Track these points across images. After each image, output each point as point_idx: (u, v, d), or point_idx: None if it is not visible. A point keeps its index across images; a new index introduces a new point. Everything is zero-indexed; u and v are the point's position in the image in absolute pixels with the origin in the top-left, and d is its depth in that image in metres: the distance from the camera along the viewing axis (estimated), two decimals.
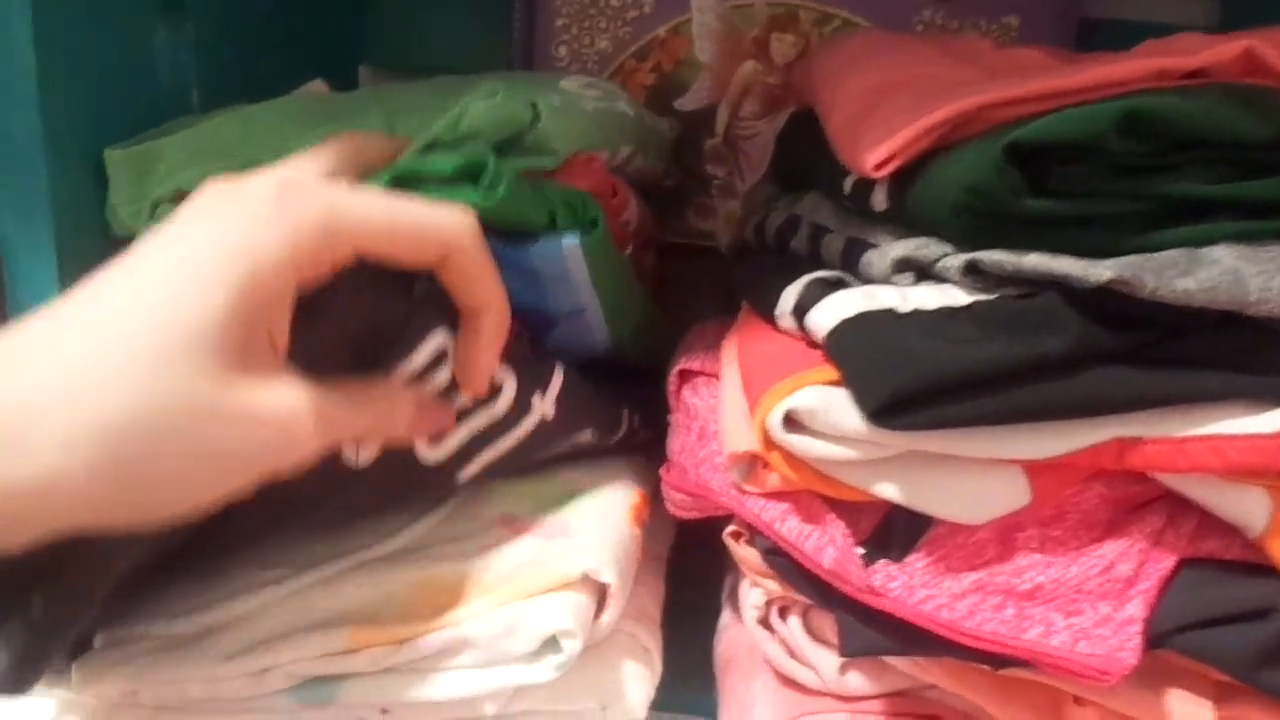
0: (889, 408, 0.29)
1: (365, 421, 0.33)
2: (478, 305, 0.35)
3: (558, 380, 0.39)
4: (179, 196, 0.42)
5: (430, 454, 0.38)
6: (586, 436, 0.43)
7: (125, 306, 0.28)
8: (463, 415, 0.37)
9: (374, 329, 0.34)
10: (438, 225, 0.33)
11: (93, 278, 0.29)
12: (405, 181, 0.37)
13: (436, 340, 0.36)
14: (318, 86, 0.54)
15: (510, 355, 0.38)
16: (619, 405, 0.44)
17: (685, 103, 0.63)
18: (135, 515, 0.28)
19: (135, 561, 0.33)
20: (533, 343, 0.41)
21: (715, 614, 0.46)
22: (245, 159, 0.42)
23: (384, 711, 0.38)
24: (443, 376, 0.36)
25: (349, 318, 0.33)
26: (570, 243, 0.38)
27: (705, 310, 0.58)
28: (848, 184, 0.38)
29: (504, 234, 0.38)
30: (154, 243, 0.30)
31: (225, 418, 0.28)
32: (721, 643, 0.44)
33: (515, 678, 0.36)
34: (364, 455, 0.36)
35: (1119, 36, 0.37)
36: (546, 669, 0.36)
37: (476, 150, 0.36)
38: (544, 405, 0.39)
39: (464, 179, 0.37)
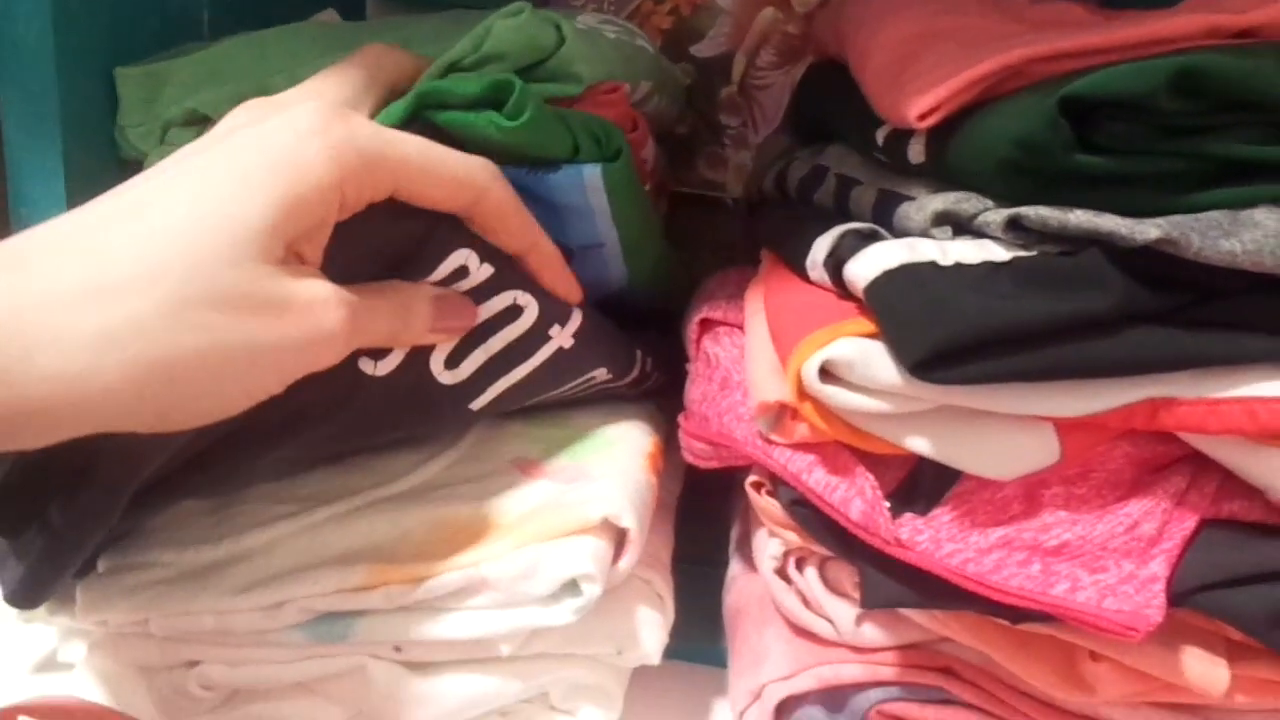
0: (929, 361, 0.29)
1: (390, 317, 0.33)
2: (520, 249, 0.35)
3: (577, 317, 0.39)
4: (190, 118, 0.41)
5: (447, 375, 0.37)
6: (601, 374, 0.42)
7: (162, 204, 0.28)
8: (481, 336, 0.37)
9: (395, 246, 0.34)
10: (469, 170, 0.33)
11: (125, 183, 0.28)
12: (428, 103, 0.36)
13: (457, 257, 0.35)
14: (329, 16, 0.53)
15: (533, 287, 0.37)
16: (633, 347, 0.43)
17: (702, 49, 0.62)
18: (167, 416, 0.27)
19: (155, 475, 0.33)
20: None
21: (716, 564, 0.46)
22: (257, 83, 0.41)
23: (397, 649, 0.38)
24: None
25: (371, 236, 0.33)
26: (592, 172, 0.37)
27: (712, 262, 0.57)
28: (880, 135, 0.38)
29: (525, 161, 0.37)
30: (193, 149, 0.29)
31: (258, 305, 0.27)
32: (731, 593, 0.44)
33: (533, 619, 0.36)
34: (382, 365, 0.35)
35: None
36: (565, 612, 0.36)
37: (501, 74, 0.36)
38: (562, 337, 0.39)
39: (488, 104, 0.36)
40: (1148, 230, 0.29)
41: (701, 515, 0.49)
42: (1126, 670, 0.33)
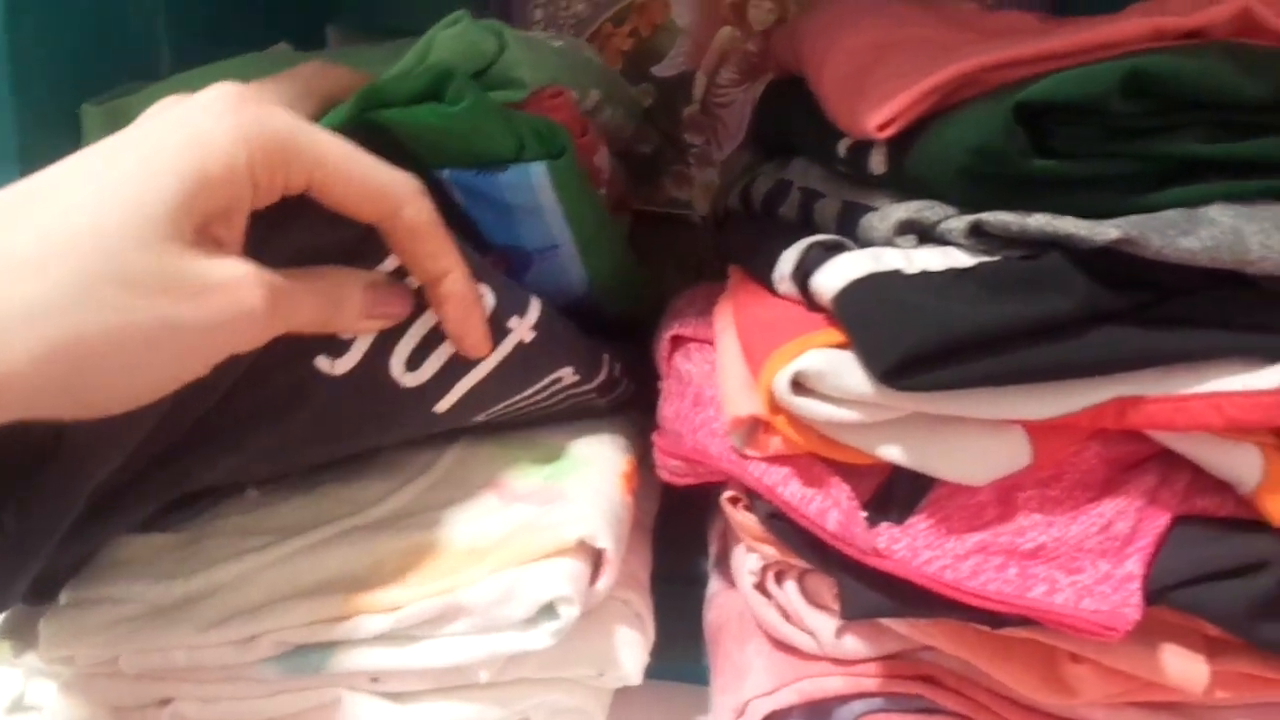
0: (899, 369, 0.29)
1: (319, 300, 0.32)
2: (435, 273, 0.34)
3: (536, 307, 0.39)
4: None
5: (408, 377, 0.37)
6: (567, 374, 0.41)
7: (71, 185, 0.27)
8: (440, 334, 0.36)
9: (338, 245, 0.34)
10: (390, 180, 0.32)
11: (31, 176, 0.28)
12: (371, 103, 0.36)
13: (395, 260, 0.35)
14: (282, 49, 0.53)
15: (490, 277, 0.37)
16: (599, 349, 0.43)
17: (663, 69, 0.62)
18: (84, 401, 0.27)
19: (109, 481, 0.32)
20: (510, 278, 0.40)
21: (696, 582, 0.46)
22: None
23: (374, 680, 0.37)
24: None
25: (312, 233, 0.33)
26: (539, 170, 0.37)
27: (681, 279, 0.57)
28: (842, 147, 0.38)
29: (472, 161, 0.37)
30: (100, 142, 0.29)
31: (168, 284, 0.27)
32: (711, 610, 0.44)
33: (511, 644, 0.36)
34: (339, 364, 0.35)
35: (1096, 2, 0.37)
36: (543, 635, 0.35)
37: (439, 65, 0.35)
38: (522, 329, 0.38)
39: (428, 98, 0.36)
40: (1107, 231, 0.29)
41: (680, 534, 0.49)
42: (1107, 671, 0.33)
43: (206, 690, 0.37)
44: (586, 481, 0.40)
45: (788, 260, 0.36)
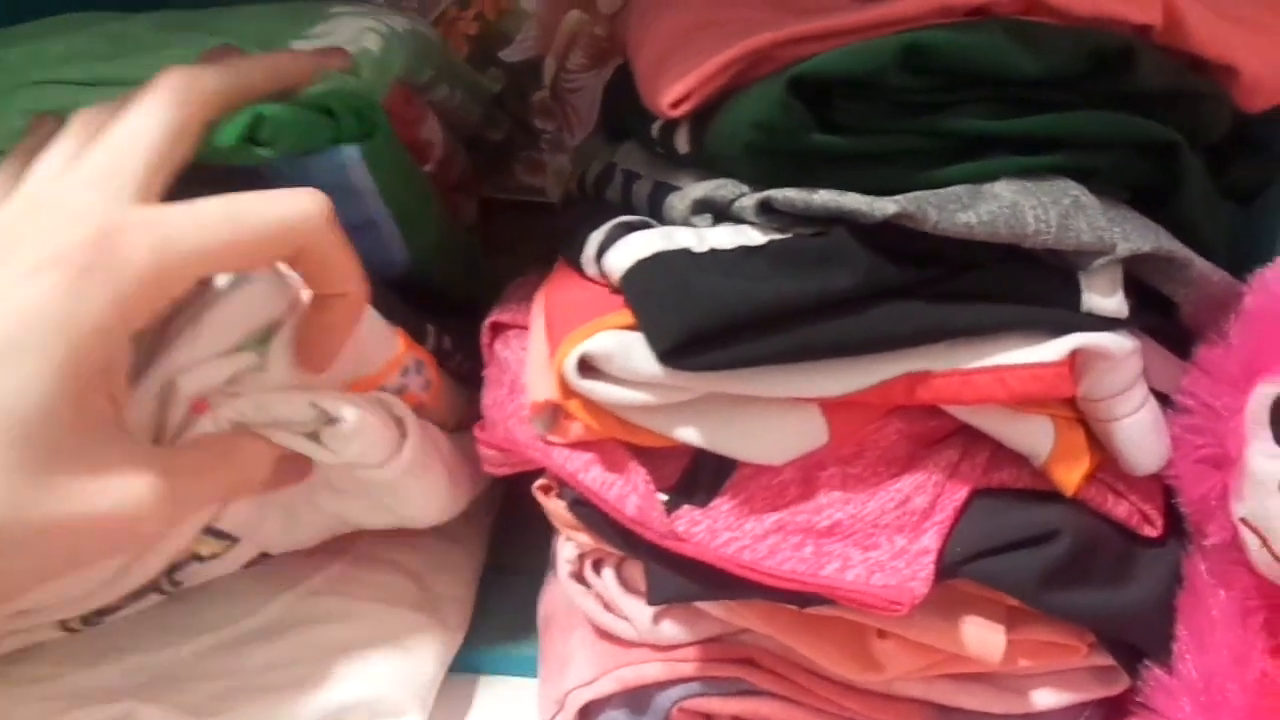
0: (680, 347, 0.29)
1: (224, 481, 0.31)
2: (334, 292, 0.33)
3: None
4: None
5: None
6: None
7: None
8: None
9: None
10: (287, 223, 0.30)
11: None
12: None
13: None
14: None
15: None
16: (423, 318, 0.42)
17: (511, 53, 0.61)
18: None
19: None
20: None
21: (538, 574, 0.45)
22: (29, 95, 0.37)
23: None
24: None
25: None
26: (351, 153, 0.35)
27: (538, 267, 0.56)
28: (655, 128, 0.38)
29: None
30: None
31: (52, 526, 0.25)
32: (544, 601, 0.43)
33: None
34: None
35: None
36: None
37: (250, 111, 0.33)
38: None
39: (244, 143, 0.34)
40: (886, 206, 0.29)
41: (529, 526, 0.48)
42: (911, 645, 0.33)
43: None
44: None
45: (593, 242, 0.35)
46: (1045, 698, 0.35)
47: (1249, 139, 0.37)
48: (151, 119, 0.29)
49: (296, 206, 0.30)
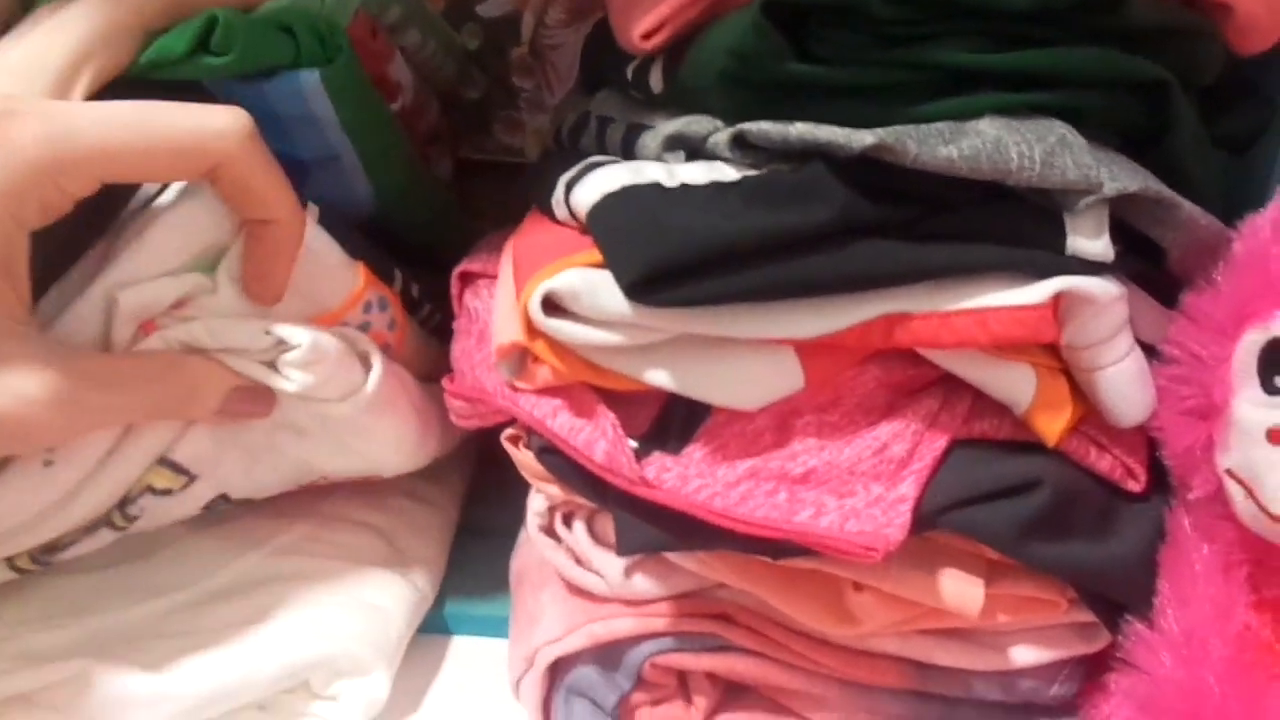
0: (647, 282, 0.28)
1: (146, 404, 0.30)
2: (262, 218, 0.32)
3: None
4: None
5: None
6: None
7: None
8: None
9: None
10: (199, 137, 0.29)
11: None
12: (145, 71, 0.33)
13: None
14: None
15: None
16: (390, 262, 0.40)
17: (488, 8, 0.60)
18: None
19: None
20: None
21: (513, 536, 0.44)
22: None
23: None
24: None
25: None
26: (310, 78, 0.34)
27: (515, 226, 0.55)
28: (630, 69, 0.37)
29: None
30: None
31: None
32: (516, 560, 0.42)
33: None
34: None
35: None
36: None
37: (204, 15, 0.32)
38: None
39: (199, 53, 0.33)
40: (864, 138, 0.28)
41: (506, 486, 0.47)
42: (888, 598, 0.33)
43: None
44: None
45: (562, 182, 0.34)
46: (1024, 654, 0.34)
47: (1244, 87, 0.36)
48: (83, 17, 0.28)
49: (212, 121, 0.29)
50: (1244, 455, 0.29)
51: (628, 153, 0.35)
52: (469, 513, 0.50)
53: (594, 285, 0.29)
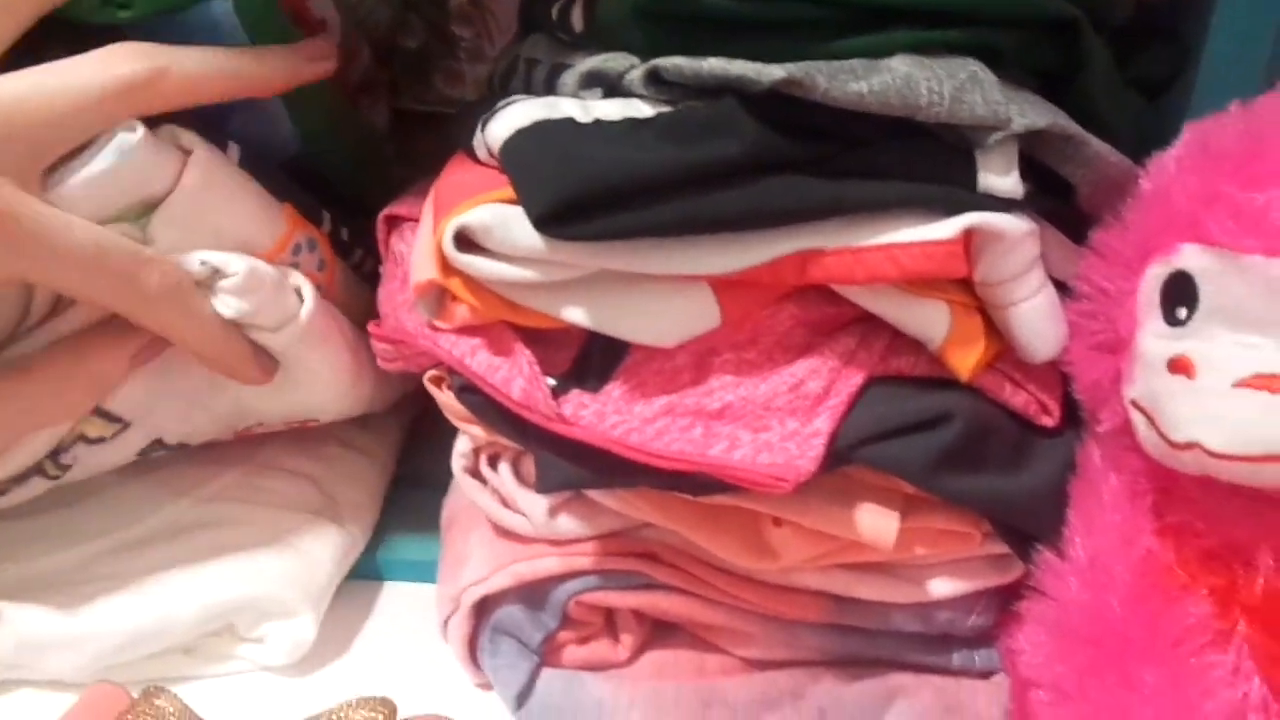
0: (557, 214, 0.28)
1: (38, 418, 0.31)
2: (245, 88, 0.33)
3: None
4: None
5: None
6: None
7: None
8: None
9: None
10: (84, 101, 0.29)
11: None
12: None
13: None
14: None
15: None
16: (317, 205, 0.40)
17: None
18: None
19: None
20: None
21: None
22: None
23: None
24: None
25: None
26: (223, 8, 0.33)
27: None
28: (555, 10, 0.36)
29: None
30: None
31: None
32: (448, 504, 0.42)
33: None
34: None
35: None
36: None
37: None
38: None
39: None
40: (774, 72, 0.28)
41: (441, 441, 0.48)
42: (806, 532, 0.33)
43: None
44: None
45: (481, 121, 0.34)
46: (941, 586, 0.35)
47: (1160, 31, 0.37)
48: None
49: (109, 70, 0.29)
50: (1147, 385, 0.30)
51: (550, 92, 0.35)
52: (408, 464, 0.50)
53: (506, 220, 0.29)
